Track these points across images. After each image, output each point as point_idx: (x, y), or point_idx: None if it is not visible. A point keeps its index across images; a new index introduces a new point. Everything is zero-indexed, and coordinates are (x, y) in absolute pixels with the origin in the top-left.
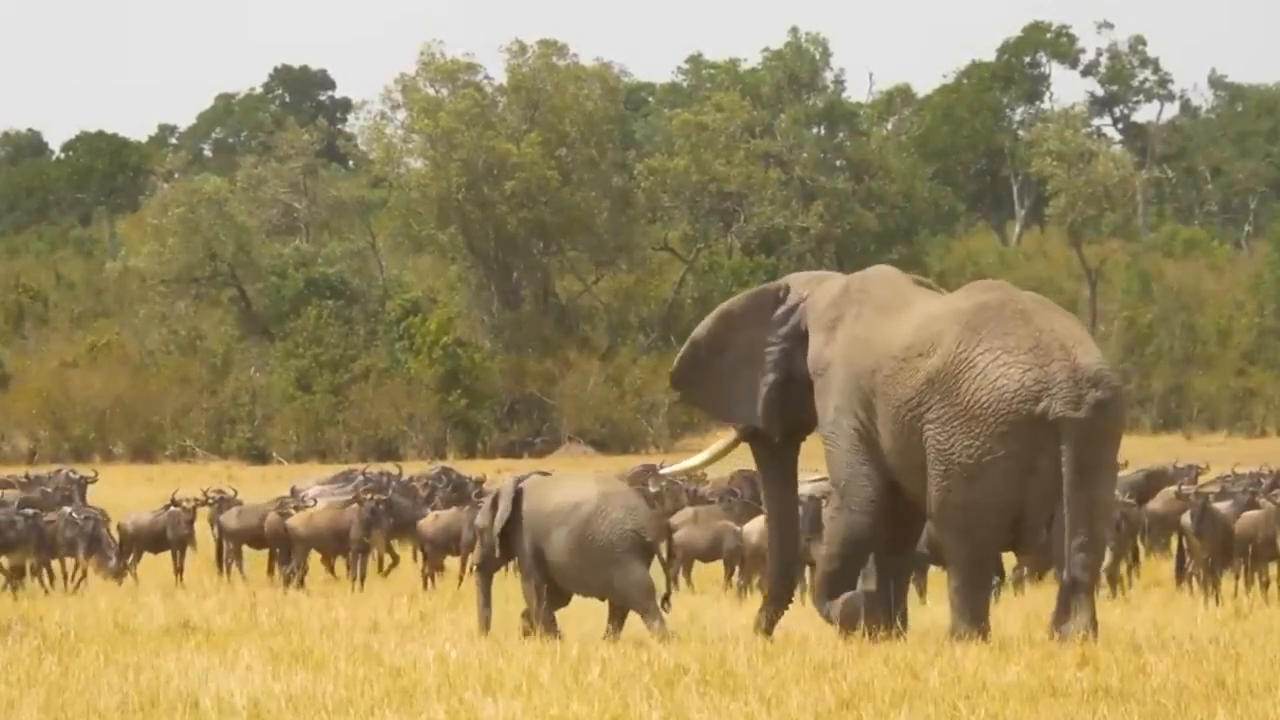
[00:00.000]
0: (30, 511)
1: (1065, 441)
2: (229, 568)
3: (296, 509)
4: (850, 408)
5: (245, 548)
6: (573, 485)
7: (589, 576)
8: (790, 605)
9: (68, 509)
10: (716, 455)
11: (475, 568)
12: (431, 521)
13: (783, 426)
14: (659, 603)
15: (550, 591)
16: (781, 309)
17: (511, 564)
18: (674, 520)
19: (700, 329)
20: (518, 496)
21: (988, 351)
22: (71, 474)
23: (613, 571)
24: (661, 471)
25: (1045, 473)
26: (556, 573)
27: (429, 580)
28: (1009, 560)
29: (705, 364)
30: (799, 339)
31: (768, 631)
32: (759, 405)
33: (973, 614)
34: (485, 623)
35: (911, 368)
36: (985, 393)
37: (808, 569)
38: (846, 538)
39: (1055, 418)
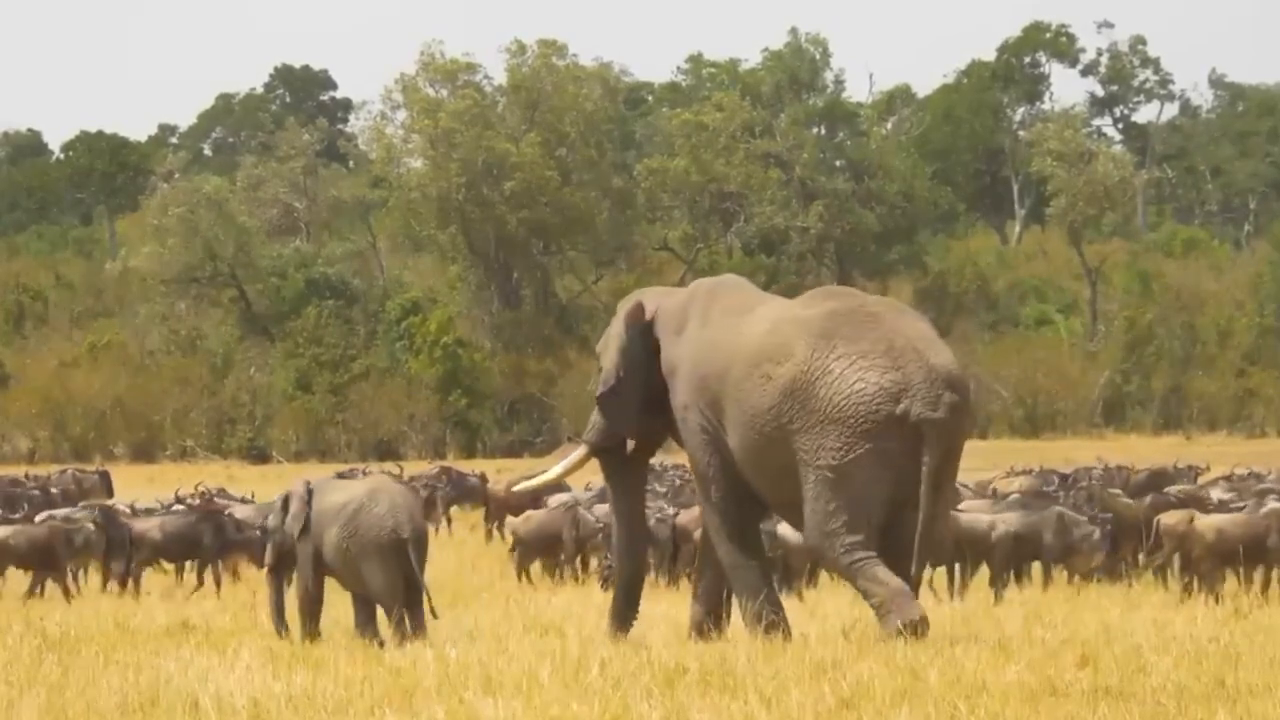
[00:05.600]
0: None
1: (926, 441)
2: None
3: None
4: (697, 405)
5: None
6: (347, 484)
7: (356, 572)
8: (635, 619)
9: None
10: (569, 469)
11: (267, 569)
12: (523, 522)
13: (638, 437)
14: (422, 607)
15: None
16: (643, 323)
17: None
18: (679, 520)
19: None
20: (309, 498)
21: (843, 358)
22: (79, 472)
23: (371, 567)
24: (514, 489)
25: (904, 471)
26: (332, 571)
27: (522, 576)
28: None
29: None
30: (655, 351)
31: (613, 633)
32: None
33: (879, 606)
34: (279, 615)
35: (763, 374)
36: (843, 397)
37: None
38: (723, 529)
39: (917, 419)
